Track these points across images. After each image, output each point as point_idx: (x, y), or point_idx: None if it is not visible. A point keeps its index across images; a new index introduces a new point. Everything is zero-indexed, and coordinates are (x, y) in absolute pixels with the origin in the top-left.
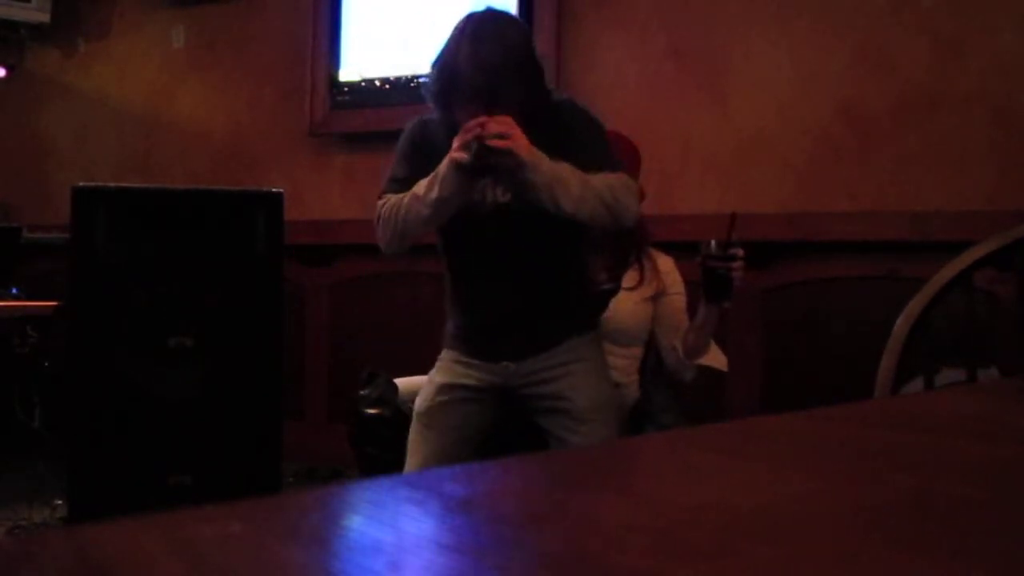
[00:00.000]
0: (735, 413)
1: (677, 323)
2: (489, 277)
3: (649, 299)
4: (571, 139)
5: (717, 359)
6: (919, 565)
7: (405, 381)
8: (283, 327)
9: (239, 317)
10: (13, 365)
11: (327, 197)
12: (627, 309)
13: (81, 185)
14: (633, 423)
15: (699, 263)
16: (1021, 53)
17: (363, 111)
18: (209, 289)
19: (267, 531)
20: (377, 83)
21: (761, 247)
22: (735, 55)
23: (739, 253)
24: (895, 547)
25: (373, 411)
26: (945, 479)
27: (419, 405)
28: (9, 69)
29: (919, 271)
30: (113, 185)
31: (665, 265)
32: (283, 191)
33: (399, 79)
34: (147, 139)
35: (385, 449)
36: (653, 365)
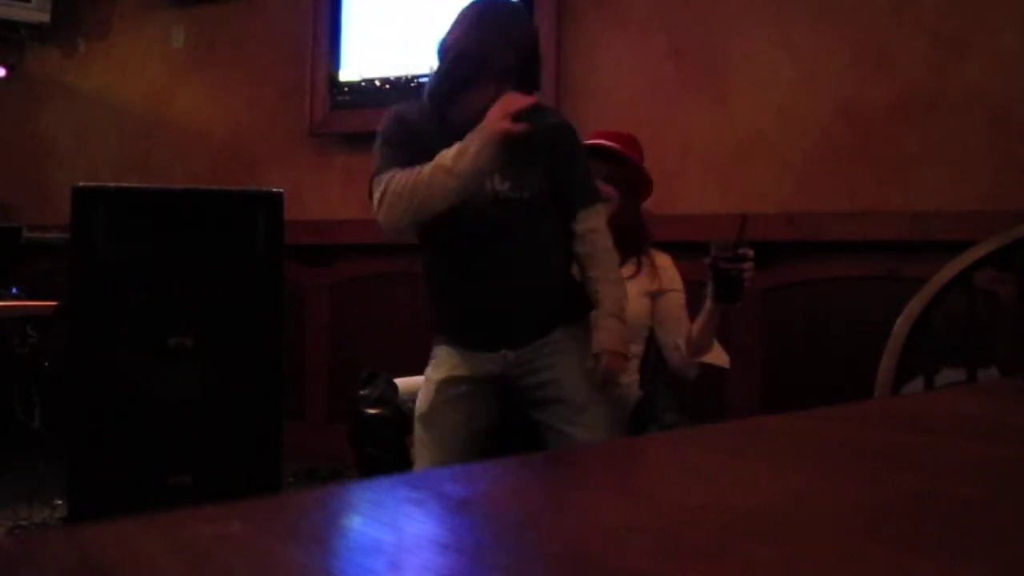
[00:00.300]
0: (735, 413)
1: (678, 321)
2: (485, 265)
3: (647, 294)
4: (563, 165)
5: (719, 357)
6: (919, 565)
7: (405, 381)
8: (283, 327)
9: (239, 317)
10: (13, 365)
11: (327, 197)
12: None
13: (81, 185)
14: (635, 423)
15: (709, 264)
16: (1021, 53)
17: (363, 111)
18: (209, 289)
19: (267, 531)
20: (377, 83)
21: (761, 247)
22: (735, 55)
23: (749, 254)
24: (895, 547)
25: (373, 411)
26: (945, 479)
27: (420, 407)
28: (9, 69)
29: (919, 271)
30: (113, 185)
31: (662, 261)
32: (283, 191)
33: (399, 79)
34: (147, 139)
35: (385, 449)
36: (654, 364)
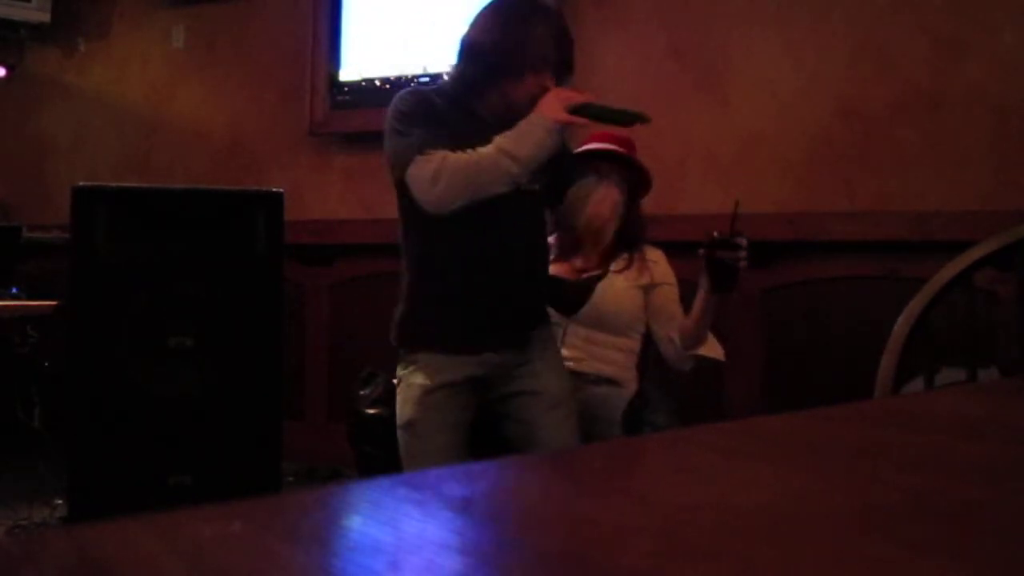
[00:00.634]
0: (735, 413)
1: (671, 314)
2: (507, 258)
3: (639, 287)
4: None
5: (714, 349)
6: (919, 565)
7: None
8: (283, 327)
9: (239, 317)
10: (13, 365)
11: (327, 197)
12: (616, 292)
13: (81, 185)
14: (628, 423)
15: (703, 254)
16: (1021, 53)
17: (363, 111)
18: (209, 289)
19: (267, 531)
20: (377, 83)
21: (761, 247)
22: (735, 55)
23: (743, 242)
24: (895, 547)
25: (372, 411)
26: (945, 479)
27: (404, 416)
28: (9, 69)
29: (919, 271)
30: (113, 185)
31: (653, 255)
32: (283, 191)
33: (399, 79)
34: (147, 139)
35: (384, 448)
36: (652, 363)
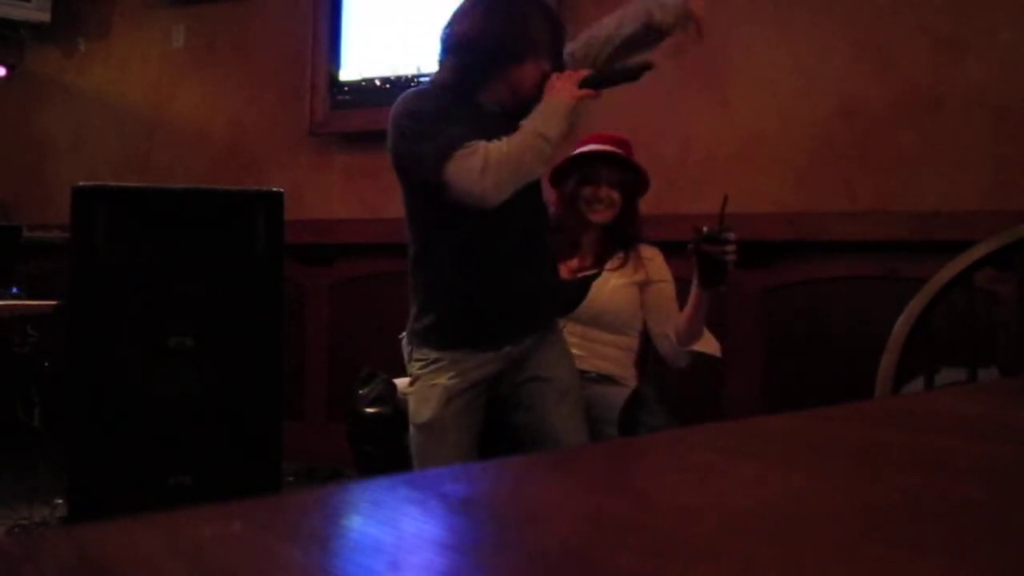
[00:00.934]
0: (735, 413)
1: (667, 311)
2: (512, 255)
3: (635, 284)
4: None
5: (710, 345)
6: (919, 565)
7: (404, 381)
8: (283, 327)
9: (239, 317)
10: (13, 365)
11: (327, 197)
12: (611, 290)
13: (81, 184)
14: (624, 423)
15: (691, 249)
16: (1021, 53)
17: (363, 111)
18: (209, 289)
19: (267, 531)
20: (377, 83)
21: (761, 247)
22: (735, 55)
23: (731, 237)
24: (895, 547)
25: (372, 410)
26: (945, 479)
27: (424, 416)
28: (9, 69)
29: (919, 271)
30: (113, 185)
31: (648, 252)
32: (283, 191)
33: (399, 79)
34: (147, 139)
35: (383, 448)
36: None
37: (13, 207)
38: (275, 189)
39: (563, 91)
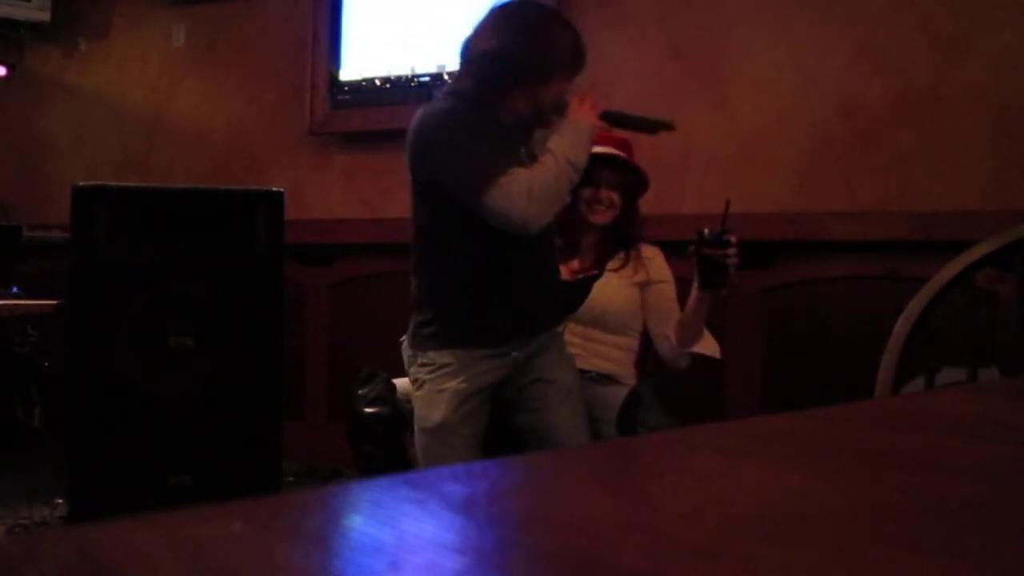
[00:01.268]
0: (735, 413)
1: (667, 311)
2: (522, 259)
3: (636, 285)
4: None
5: (710, 347)
6: (919, 565)
7: (403, 381)
8: (283, 327)
9: (239, 317)
10: (13, 365)
11: (327, 197)
12: (612, 290)
13: (81, 184)
14: (622, 423)
15: (692, 251)
16: (1021, 53)
17: (363, 111)
18: (209, 289)
19: (267, 531)
20: (377, 83)
21: (761, 247)
22: (735, 55)
23: (732, 240)
24: (895, 547)
25: (371, 410)
26: (945, 479)
27: (433, 420)
28: (9, 69)
29: (919, 271)
30: (114, 184)
31: (649, 252)
32: (283, 191)
33: (399, 79)
34: (147, 139)
35: (383, 447)
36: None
37: (13, 207)
38: (275, 189)
39: (588, 118)
